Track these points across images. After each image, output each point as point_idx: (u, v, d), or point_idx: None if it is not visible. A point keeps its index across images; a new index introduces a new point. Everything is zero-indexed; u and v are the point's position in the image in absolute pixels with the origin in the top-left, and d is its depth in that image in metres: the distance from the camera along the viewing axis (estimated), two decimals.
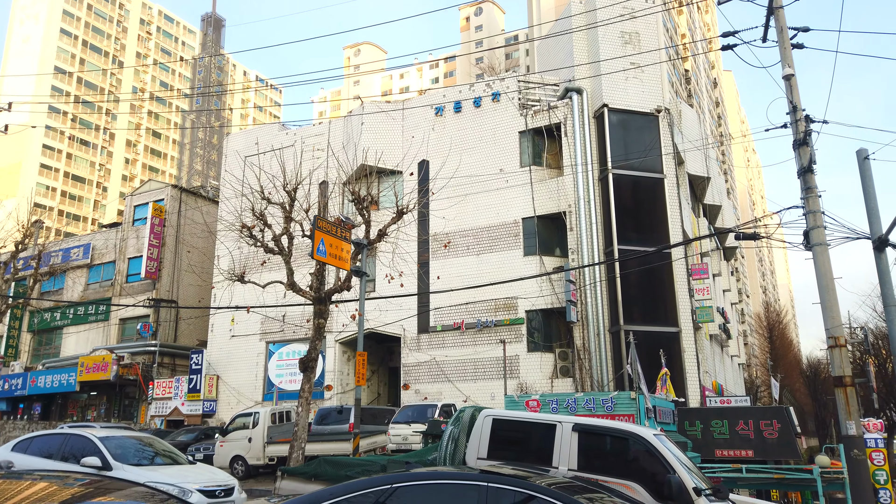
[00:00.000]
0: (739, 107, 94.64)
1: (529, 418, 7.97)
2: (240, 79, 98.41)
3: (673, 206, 24.44)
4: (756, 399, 38.76)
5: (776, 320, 57.01)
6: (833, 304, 11.34)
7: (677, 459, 6.79)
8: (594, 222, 24.23)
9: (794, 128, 12.35)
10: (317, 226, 14.03)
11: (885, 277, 12.54)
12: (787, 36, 12.92)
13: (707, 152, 31.25)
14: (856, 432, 10.80)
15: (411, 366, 25.80)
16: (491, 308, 24.97)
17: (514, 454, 7.47)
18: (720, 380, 29.21)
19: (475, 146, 26.82)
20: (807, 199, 11.93)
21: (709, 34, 58.59)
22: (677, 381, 21.43)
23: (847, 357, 11.38)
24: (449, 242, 26.14)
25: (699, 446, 14.90)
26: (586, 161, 24.78)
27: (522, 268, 24.61)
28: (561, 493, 4.73)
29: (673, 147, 25.29)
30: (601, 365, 22.79)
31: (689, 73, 47.00)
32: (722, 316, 31.36)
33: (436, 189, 24.48)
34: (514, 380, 23.75)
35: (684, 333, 23.18)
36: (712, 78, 62.03)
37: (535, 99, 27.07)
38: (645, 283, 23.71)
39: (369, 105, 29.60)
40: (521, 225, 25.51)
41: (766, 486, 14.14)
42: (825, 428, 43.23)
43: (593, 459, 7.13)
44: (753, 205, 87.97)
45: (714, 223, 33.67)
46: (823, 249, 11.59)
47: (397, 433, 17.50)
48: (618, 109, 25.02)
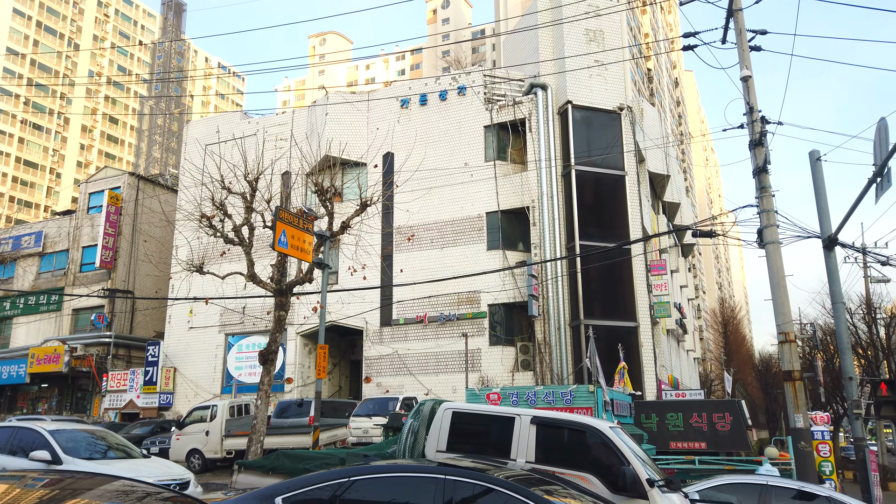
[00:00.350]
0: (699, 107, 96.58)
1: (488, 411, 8.04)
2: (201, 65, 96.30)
3: (633, 203, 24.85)
4: (710, 392, 39.77)
5: (731, 316, 58.55)
6: (784, 301, 11.67)
7: (632, 451, 6.93)
8: (557, 218, 24.49)
9: (751, 128, 12.64)
10: (278, 217, 13.85)
11: (834, 275, 12.97)
12: (745, 38, 13.19)
13: (667, 151, 31.83)
14: (803, 425, 11.16)
15: (373, 359, 25.73)
16: (454, 301, 25.05)
17: (474, 447, 7.53)
18: (676, 374, 29.89)
19: (440, 139, 26.81)
20: (761, 199, 12.23)
21: (671, 34, 59.57)
22: (635, 375, 21.85)
23: (796, 352, 11.74)
24: (413, 235, 26.11)
25: (654, 438, 15.22)
26: (550, 157, 25.00)
27: (486, 262, 24.74)
28: (517, 485, 4.79)
29: (635, 145, 25.69)
30: (561, 358, 23.09)
31: (652, 73, 47.73)
32: (679, 311, 32.05)
33: (400, 182, 24.41)
34: (476, 373, 23.90)
35: (642, 328, 23.63)
36: (674, 77, 63.14)
37: (500, 94, 27.18)
38: (605, 278, 24.08)
39: (334, 95, 29.31)
40: (484, 219, 25.63)
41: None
42: (775, 420, 44.65)
43: (551, 452, 7.22)
44: (711, 203, 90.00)
45: (673, 220, 34.36)
46: (776, 248, 11.91)
47: (358, 426, 17.45)
48: (581, 106, 25.29)
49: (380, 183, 24.53)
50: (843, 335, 12.96)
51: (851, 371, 12.71)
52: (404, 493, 4.74)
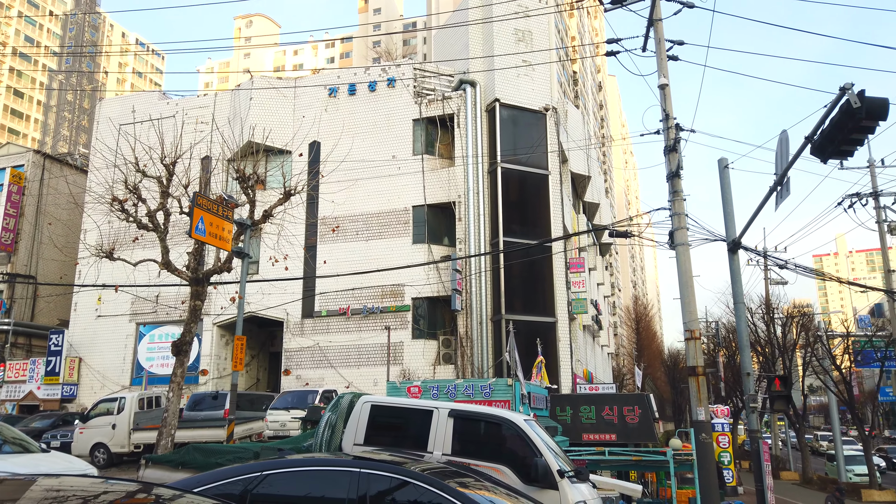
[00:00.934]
0: (621, 111, 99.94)
1: (407, 404, 8.09)
2: (117, 40, 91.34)
3: (556, 202, 25.49)
4: (622, 386, 41.42)
5: (643, 313, 61.15)
6: (691, 301, 12.29)
7: (545, 444, 7.16)
8: (482, 214, 24.81)
9: (666, 135, 13.20)
10: (196, 203, 13.38)
11: (737, 277, 13.78)
12: (663, 47, 13.73)
13: (589, 152, 32.82)
14: (705, 418, 11.82)
15: (293, 351, 25.30)
16: (378, 294, 24.96)
17: (392, 440, 7.57)
18: (591, 368, 30.95)
19: (368, 131, 26.59)
20: (673, 202, 12.81)
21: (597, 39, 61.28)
22: (552, 369, 22.47)
23: (700, 349, 12.40)
24: (338, 227, 25.81)
25: (568, 430, 15.71)
26: (477, 153, 25.28)
27: (411, 255, 24.77)
28: (432, 477, 4.85)
29: (558, 145, 26.34)
30: (482, 352, 23.45)
31: (577, 75, 48.98)
32: (595, 308, 33.18)
33: (326, 172, 24.04)
34: (398, 366, 23.93)
35: (560, 324, 24.32)
36: (598, 81, 65.04)
37: (430, 88, 27.22)
38: (526, 274, 24.62)
39: (259, 80, 28.51)
40: (411, 213, 25.65)
41: (625, 467, 15.14)
42: (681, 413, 47.04)
43: (467, 444, 7.36)
44: (629, 204, 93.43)
45: (592, 220, 35.48)
46: (685, 249, 12.52)
47: (275, 419, 17.15)
48: (509, 105, 25.68)
49: (305, 172, 24.14)
50: (743, 333, 13.80)
51: (749, 367, 13.55)
52: (319, 487, 4.72)
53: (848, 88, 8.16)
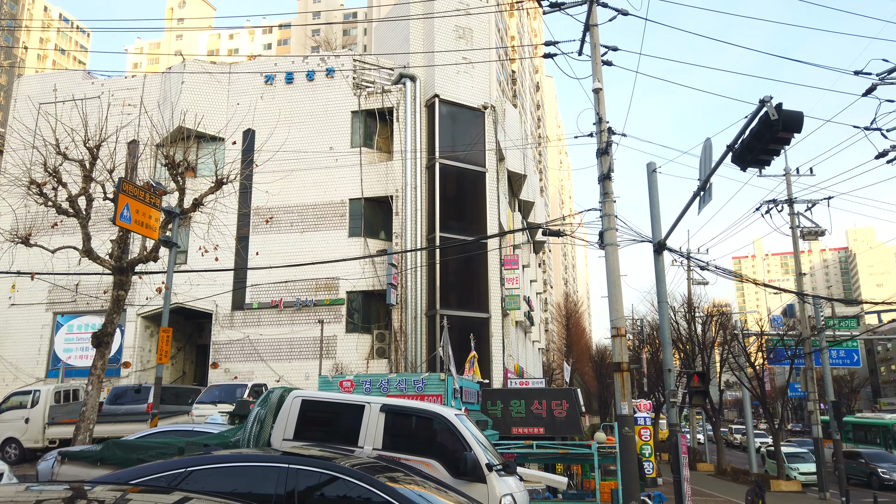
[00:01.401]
0: (557, 112, 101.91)
1: (338, 399, 8.06)
2: (39, 14, 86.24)
3: (492, 200, 25.80)
4: (551, 381, 42.42)
5: (573, 310, 62.75)
6: (618, 299, 12.72)
7: (475, 438, 7.29)
8: (419, 209, 24.84)
9: (598, 138, 13.58)
10: (121, 189, 12.87)
11: (661, 277, 14.35)
12: (598, 52, 14.09)
13: (526, 151, 33.35)
14: (628, 412, 12.27)
15: (222, 344, 24.69)
16: (312, 287, 24.64)
17: (323, 435, 7.53)
18: (522, 363, 31.55)
19: (306, 121, 26.17)
20: (604, 203, 13.21)
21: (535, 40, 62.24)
22: (484, 364, 22.79)
23: (626, 346, 12.86)
24: (272, 218, 25.31)
25: (499, 424, 16.03)
26: (415, 148, 25.29)
27: (347, 248, 24.57)
28: (362, 472, 4.88)
29: (496, 143, 26.65)
30: (416, 347, 23.53)
31: (516, 75, 49.62)
32: (528, 304, 33.82)
33: (261, 161, 23.55)
34: (331, 360, 23.72)
35: (493, 319, 24.67)
36: (536, 82, 66.08)
37: (369, 80, 27.02)
38: (462, 270, 24.84)
39: (192, 64, 27.57)
40: (347, 205, 25.42)
41: (552, 460, 15.58)
42: (607, 407, 48.59)
43: (398, 439, 7.40)
44: (563, 203, 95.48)
45: (527, 218, 36.11)
46: (613, 249, 12.95)
47: (201, 414, 16.70)
48: (448, 101, 25.79)
49: (238, 161, 23.47)
50: (665, 331, 14.39)
51: (671, 363, 14.16)
52: (246, 483, 4.66)
53: (767, 101, 8.62)
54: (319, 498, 4.65)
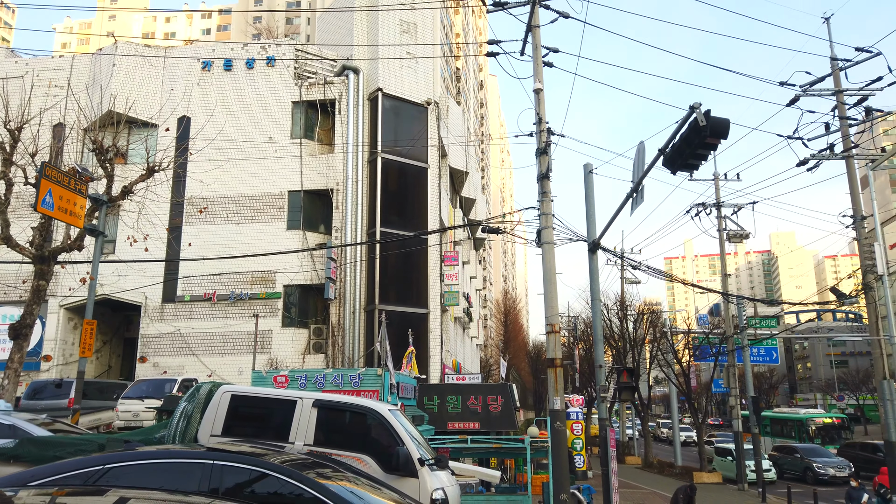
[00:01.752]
0: (500, 111, 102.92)
1: (270, 394, 7.93)
2: None
3: (433, 196, 25.85)
4: (488, 376, 42.91)
5: (512, 307, 63.63)
6: (553, 296, 12.96)
7: (408, 433, 7.30)
8: (360, 203, 24.64)
9: (538, 137, 13.79)
10: (44, 173, 12.25)
11: (595, 275, 14.71)
12: (540, 53, 14.28)
13: (468, 149, 33.54)
14: (560, 407, 12.53)
15: (151, 337, 23.87)
16: (247, 280, 24.11)
17: (253, 431, 7.40)
18: (460, 358, 31.78)
19: (244, 109, 25.54)
20: (542, 202, 13.42)
21: (480, 38, 62.65)
22: (422, 359, 22.84)
23: (560, 342, 13.13)
24: (206, 208, 24.61)
25: (435, 419, 16.10)
26: (357, 142, 25.06)
27: (284, 241, 24.14)
28: (291, 469, 4.82)
29: (439, 140, 26.70)
30: (354, 342, 23.37)
31: (460, 72, 49.84)
32: (467, 300, 34.07)
33: (196, 149, 22.82)
34: (266, 355, 23.28)
35: (432, 315, 24.75)
36: (480, 80, 66.55)
37: (311, 71, 26.59)
38: (402, 265, 24.80)
39: (125, 46, 26.47)
40: (286, 197, 24.97)
41: (486, 454, 15.79)
42: (541, 402, 49.53)
43: (331, 434, 7.35)
44: (503, 202, 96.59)
45: (468, 215, 36.35)
46: (550, 248, 13.18)
47: (127, 409, 16.14)
48: (391, 95, 25.66)
49: (172, 148, 22.71)
50: (598, 328, 14.76)
51: (601, 360, 14.54)
52: (168, 480, 4.53)
53: (696, 107, 8.95)
54: (247, 495, 4.56)
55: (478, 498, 13.20)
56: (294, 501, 4.57)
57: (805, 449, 28.44)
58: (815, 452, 27.92)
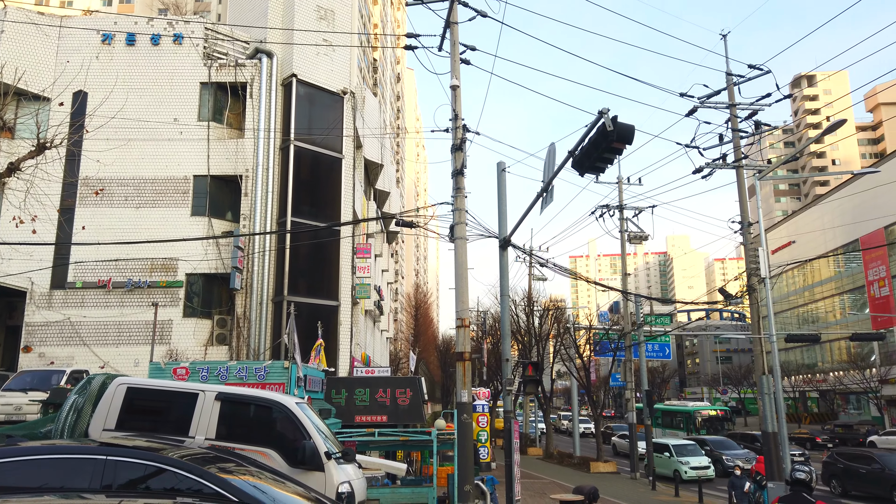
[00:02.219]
0: (416, 105, 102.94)
1: (169, 387, 7.61)
2: None
3: (347, 187, 25.55)
4: (397, 370, 42.99)
5: (423, 300, 63.94)
6: (464, 291, 13.17)
7: (315, 426, 7.22)
8: (270, 191, 24.00)
9: (454, 134, 13.94)
10: None
11: (505, 272, 15.06)
12: (457, 50, 14.43)
13: (384, 141, 33.38)
14: (468, 399, 12.76)
15: (37, 325, 22.29)
16: (146, 267, 22.96)
17: (150, 425, 7.08)
18: (369, 351, 31.65)
19: (148, 88, 24.25)
20: (456, 198, 13.59)
21: (398, 30, 62.40)
22: (331, 352, 22.59)
23: (469, 336, 13.37)
24: (103, 190, 23.20)
25: (342, 412, 15.99)
26: (269, 128, 24.37)
27: (188, 228, 23.16)
28: (190, 464, 4.67)
29: (354, 130, 26.41)
30: (260, 334, 22.77)
31: (377, 63, 49.45)
32: (378, 293, 33.95)
33: (93, 127, 21.43)
34: (165, 346, 22.28)
35: (343, 307, 24.50)
36: (397, 72, 66.28)
37: (222, 52, 25.58)
38: (313, 256, 24.38)
39: (15, 11, 24.46)
40: (192, 182, 23.95)
41: (393, 447, 15.83)
42: (448, 395, 50.15)
43: (234, 428, 7.15)
44: (418, 195, 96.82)
45: (382, 207, 36.20)
46: (463, 243, 13.37)
47: (8, 402, 15.01)
48: (306, 83, 25.12)
49: (66, 124, 21.21)
50: (506, 324, 15.13)
51: (508, 354, 14.92)
52: (56, 477, 4.27)
53: (605, 113, 9.33)
54: (143, 491, 4.38)
55: (383, 491, 13.23)
56: (194, 497, 4.43)
57: (714, 441, 28.79)
58: (723, 445, 28.28)
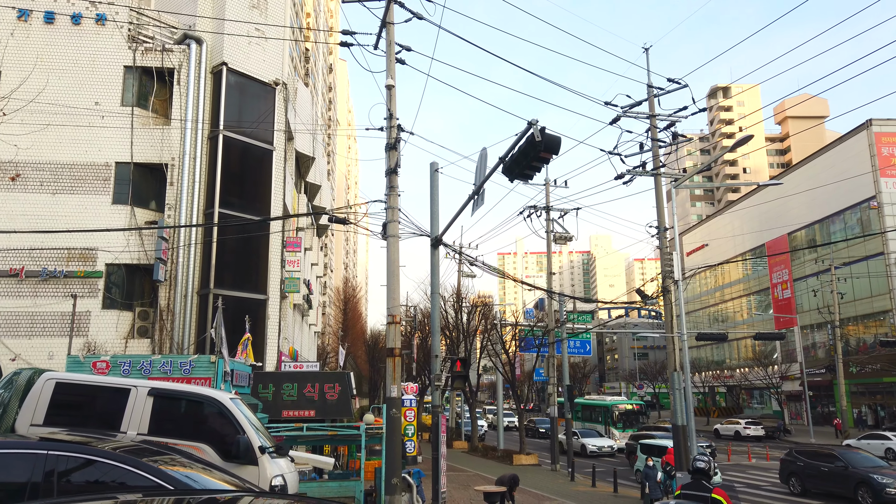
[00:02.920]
0: (349, 97, 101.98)
1: (101, 382, 7.56)
2: None
3: (278, 179, 25.30)
4: (325, 364, 42.77)
5: (352, 295, 63.65)
6: (396, 288, 13.47)
7: (248, 421, 7.37)
8: (198, 181, 23.47)
9: (388, 133, 14.20)
10: None
11: (436, 270, 15.44)
12: (393, 50, 14.65)
13: (316, 134, 33.11)
14: (397, 394, 13.08)
15: None
16: (63, 257, 22.02)
17: (79, 420, 7.04)
18: (297, 346, 31.43)
19: (68, 69, 23.20)
20: (389, 196, 13.87)
21: (331, 20, 61.74)
22: (258, 346, 22.39)
23: (399, 332, 13.68)
24: (18, 175, 22.09)
25: (269, 407, 15.96)
26: (197, 116, 23.81)
27: (109, 216, 22.37)
28: (127, 456, 4.78)
29: (285, 122, 26.15)
30: (185, 327, 22.28)
31: (310, 53, 48.84)
32: (307, 287, 33.72)
33: (8, 109, 20.42)
34: (83, 338, 21.47)
35: (271, 301, 24.28)
36: (329, 63, 65.54)
37: (148, 35, 24.75)
38: (241, 249, 24.03)
39: None
40: (113, 169, 23.10)
41: (321, 441, 15.96)
42: (377, 390, 50.27)
43: (166, 423, 7.20)
44: (349, 188, 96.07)
45: (313, 200, 35.92)
46: (395, 241, 13.67)
47: None
48: (237, 72, 24.67)
49: None
50: (435, 319, 15.53)
51: (437, 349, 15.33)
52: None
53: (534, 124, 9.83)
54: (83, 485, 4.48)
55: (311, 485, 13.38)
56: (132, 489, 4.56)
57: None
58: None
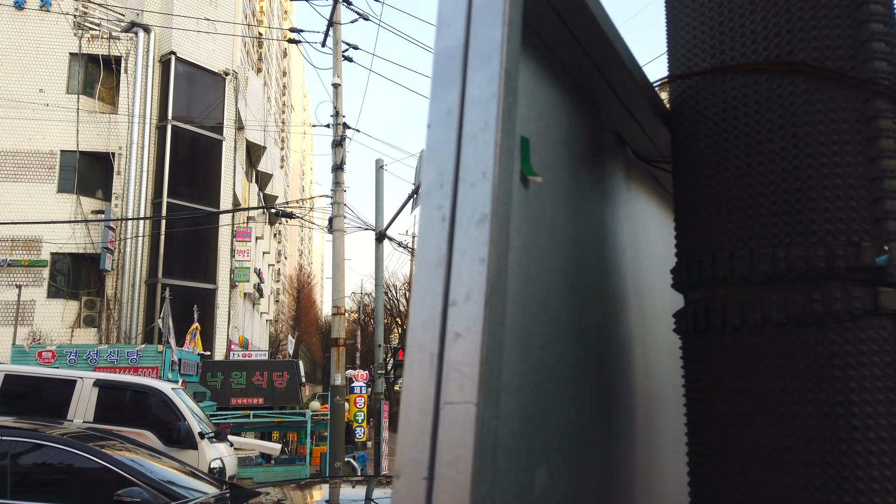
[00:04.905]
0: (304, 81, 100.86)
1: (48, 374, 7.96)
2: None
3: (228, 169, 25.38)
4: (277, 352, 42.95)
5: (306, 282, 63.64)
6: (341, 280, 14.03)
7: (189, 409, 7.89)
8: (145, 170, 23.41)
9: (335, 130, 14.69)
10: None
11: (380, 263, 16.04)
12: (340, 49, 15.12)
13: (268, 121, 33.14)
14: (341, 383, 13.70)
15: None
16: (6, 246, 21.78)
17: (27, 409, 7.44)
18: (248, 334, 31.61)
19: (11, 55, 22.79)
20: (335, 192, 14.38)
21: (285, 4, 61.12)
22: (207, 336, 22.61)
23: (344, 323, 14.28)
24: None
25: (218, 396, 16.37)
26: (145, 105, 23.71)
27: (55, 206, 22.18)
28: (73, 440, 5.28)
29: (236, 112, 26.20)
30: (132, 317, 22.34)
31: (263, 38, 48.40)
32: (258, 276, 33.84)
33: None
34: (27, 328, 21.34)
35: (220, 291, 24.46)
36: (283, 48, 64.87)
37: (95, 22, 24.44)
38: (190, 239, 24.10)
39: None
40: (58, 157, 22.86)
41: (269, 428, 16.47)
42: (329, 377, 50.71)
43: (111, 412, 7.67)
44: (304, 174, 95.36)
45: (265, 189, 35.93)
46: (340, 235, 14.21)
47: None
48: (186, 61, 24.60)
49: None
50: (379, 311, 16.16)
51: (381, 339, 15.98)
52: None
53: None
54: (32, 468, 4.96)
55: (257, 470, 13.90)
56: (80, 472, 5.07)
57: None
58: None
